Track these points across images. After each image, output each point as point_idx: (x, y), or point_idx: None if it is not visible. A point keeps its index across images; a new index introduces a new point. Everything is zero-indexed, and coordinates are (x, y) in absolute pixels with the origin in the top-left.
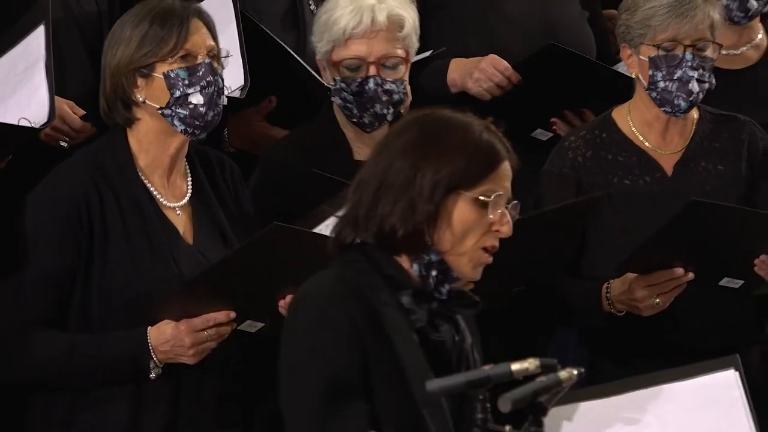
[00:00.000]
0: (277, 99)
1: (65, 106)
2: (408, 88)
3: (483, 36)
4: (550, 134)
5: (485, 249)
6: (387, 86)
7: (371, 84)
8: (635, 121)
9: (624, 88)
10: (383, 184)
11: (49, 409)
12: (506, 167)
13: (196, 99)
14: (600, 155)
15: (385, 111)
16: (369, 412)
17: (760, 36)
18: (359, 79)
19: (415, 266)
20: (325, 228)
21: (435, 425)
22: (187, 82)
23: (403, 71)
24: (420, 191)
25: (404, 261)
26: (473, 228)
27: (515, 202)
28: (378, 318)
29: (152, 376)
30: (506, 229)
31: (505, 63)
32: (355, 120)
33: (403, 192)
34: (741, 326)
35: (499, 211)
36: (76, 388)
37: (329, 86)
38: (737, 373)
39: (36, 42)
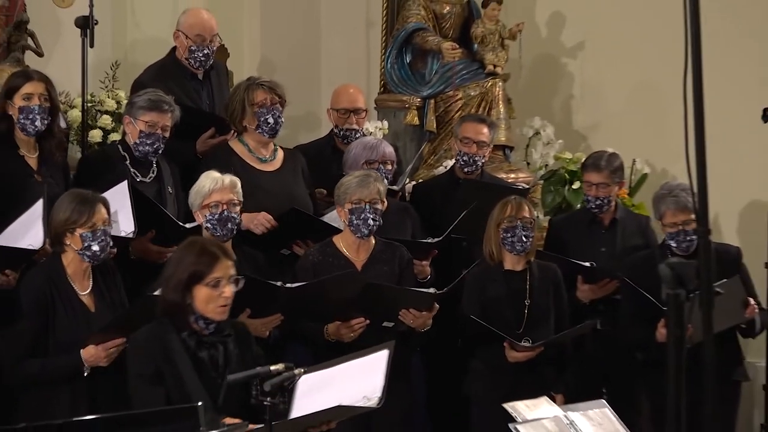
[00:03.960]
0: (155, 231)
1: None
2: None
3: (255, 202)
4: (289, 252)
5: (220, 306)
6: (231, 216)
7: (225, 213)
8: (344, 242)
9: (325, 229)
10: (166, 280)
11: (29, 398)
12: (224, 262)
13: (95, 248)
14: (325, 258)
15: (234, 227)
16: (164, 393)
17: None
18: (218, 213)
19: (193, 318)
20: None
21: (195, 399)
22: (91, 238)
23: (238, 210)
24: (174, 287)
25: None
26: (210, 299)
27: (239, 277)
28: (169, 347)
29: (86, 373)
30: (227, 295)
31: (269, 216)
32: (216, 235)
33: (170, 286)
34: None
35: (222, 287)
36: (49, 384)
37: (199, 224)
38: (388, 351)
39: (38, 208)
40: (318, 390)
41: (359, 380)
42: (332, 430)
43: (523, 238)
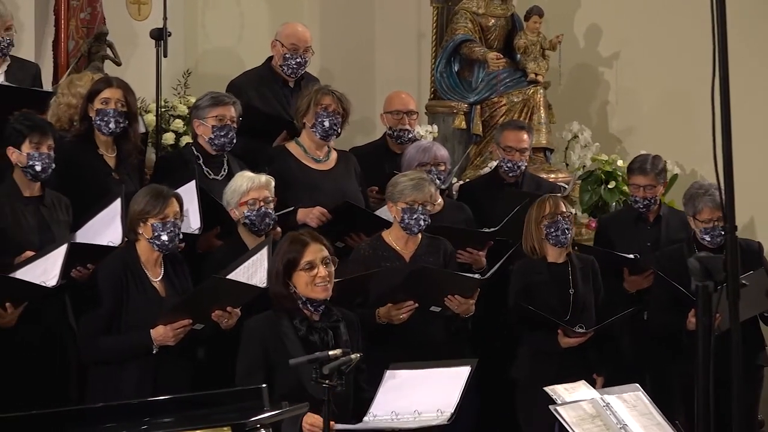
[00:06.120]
0: (220, 227)
1: None
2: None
3: (311, 199)
4: (343, 244)
5: (319, 285)
6: (268, 211)
7: (263, 210)
8: (392, 236)
9: (376, 222)
10: (270, 274)
11: (99, 376)
12: (313, 246)
13: (164, 237)
14: (375, 252)
15: (271, 222)
16: (266, 378)
17: (440, 200)
18: (256, 209)
19: (300, 303)
20: (243, 270)
21: (305, 380)
22: (161, 229)
23: (272, 206)
24: (276, 278)
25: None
26: (308, 282)
27: (331, 258)
28: (280, 333)
29: (154, 351)
30: (322, 274)
31: (324, 210)
32: (255, 230)
33: (273, 278)
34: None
35: (316, 268)
36: (120, 361)
37: (237, 221)
38: (470, 368)
39: (116, 206)
40: (401, 388)
41: (438, 390)
42: None
43: (566, 231)
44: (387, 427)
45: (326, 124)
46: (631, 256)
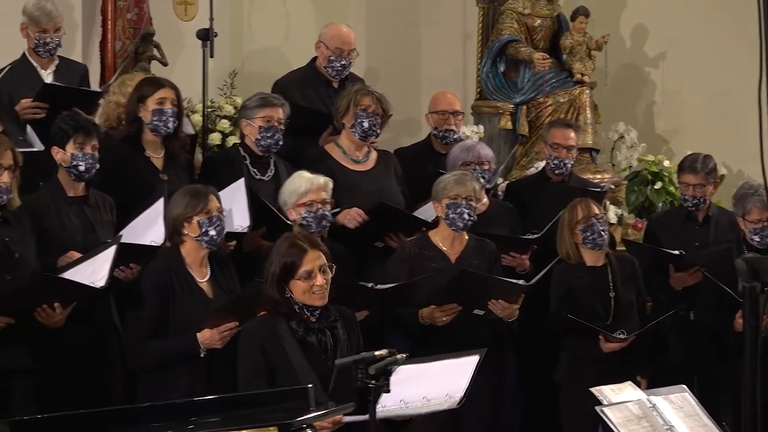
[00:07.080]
0: (266, 228)
1: None
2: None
3: (350, 200)
4: (383, 245)
5: (316, 294)
6: (325, 213)
7: (320, 212)
8: (439, 236)
9: (414, 221)
10: (265, 277)
11: (151, 379)
12: (312, 254)
13: (212, 232)
14: (421, 251)
15: (327, 224)
16: (268, 381)
17: (485, 200)
18: (314, 211)
19: (296, 307)
20: None
21: (305, 381)
22: (208, 224)
23: (329, 207)
24: (271, 282)
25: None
26: (306, 290)
27: (329, 266)
28: (277, 335)
29: (202, 355)
30: (320, 283)
31: (361, 211)
32: (311, 230)
33: (268, 281)
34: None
35: (313, 278)
36: (168, 365)
37: (293, 221)
38: (478, 357)
39: (159, 206)
40: (409, 381)
41: (447, 379)
42: None
43: (602, 233)
44: (396, 415)
45: (365, 125)
46: (677, 252)
